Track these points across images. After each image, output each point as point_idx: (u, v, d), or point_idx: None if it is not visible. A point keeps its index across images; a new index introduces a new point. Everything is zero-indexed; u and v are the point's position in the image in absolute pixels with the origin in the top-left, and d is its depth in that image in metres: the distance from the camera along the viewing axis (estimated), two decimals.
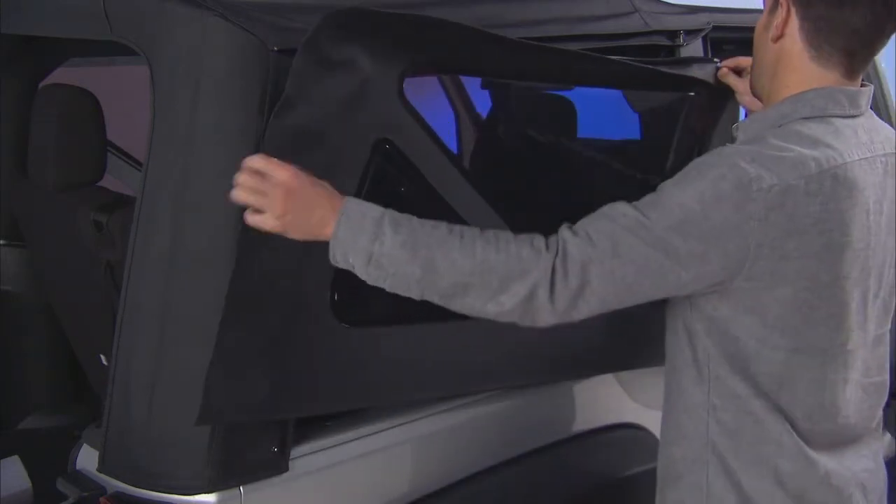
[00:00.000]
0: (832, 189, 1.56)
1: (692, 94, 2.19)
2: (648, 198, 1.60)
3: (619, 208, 1.59)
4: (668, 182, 1.61)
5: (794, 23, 1.64)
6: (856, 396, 1.70)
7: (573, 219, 1.62)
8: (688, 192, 1.56)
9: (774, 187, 1.53)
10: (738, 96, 2.13)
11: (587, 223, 1.59)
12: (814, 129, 1.62)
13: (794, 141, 1.59)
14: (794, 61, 1.66)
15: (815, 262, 1.57)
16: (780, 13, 1.64)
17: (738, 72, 2.11)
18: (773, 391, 1.64)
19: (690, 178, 1.58)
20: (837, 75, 1.65)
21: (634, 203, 1.59)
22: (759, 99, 1.77)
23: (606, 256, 1.55)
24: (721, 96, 2.17)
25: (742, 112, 2.25)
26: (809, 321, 1.61)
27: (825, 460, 1.68)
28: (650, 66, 2.10)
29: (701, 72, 2.16)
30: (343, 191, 1.68)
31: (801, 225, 1.55)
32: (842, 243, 1.58)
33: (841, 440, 1.71)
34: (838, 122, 1.64)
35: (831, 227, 1.57)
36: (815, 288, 1.59)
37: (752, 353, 1.63)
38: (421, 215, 1.93)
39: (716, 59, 2.20)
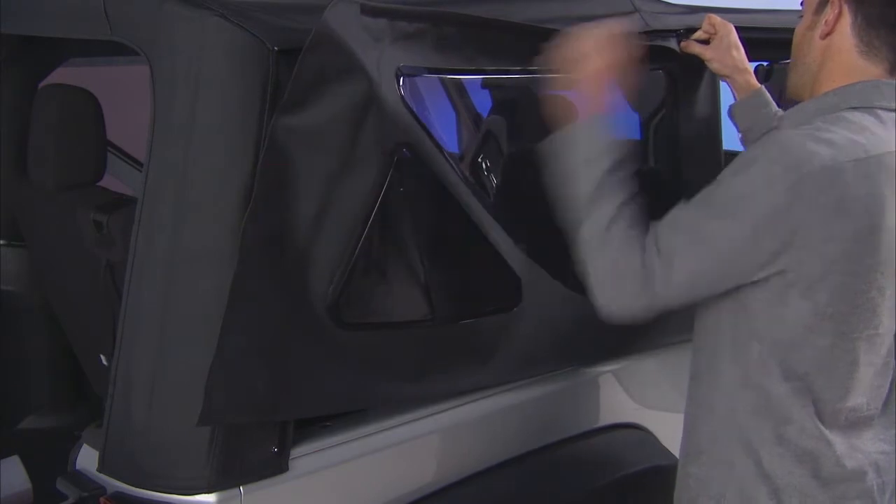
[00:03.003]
0: (878, 174, 1.62)
1: (666, 68, 2.22)
2: (705, 191, 1.68)
3: (676, 214, 1.69)
4: (725, 171, 1.69)
5: (846, 19, 1.71)
6: (871, 378, 1.76)
7: None
8: (740, 178, 1.64)
9: (826, 168, 1.58)
10: (709, 64, 2.21)
11: (657, 238, 1.68)
12: (860, 118, 1.68)
13: (843, 126, 1.65)
14: (843, 56, 1.73)
15: (861, 246, 1.63)
16: (831, 11, 1.72)
17: (704, 42, 2.20)
18: (808, 374, 1.70)
19: (744, 164, 1.66)
20: (882, 70, 1.72)
21: (692, 200, 1.69)
22: (798, 97, 1.83)
23: (678, 259, 1.65)
24: (694, 66, 2.24)
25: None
26: (855, 307, 1.67)
27: (841, 440, 1.74)
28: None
29: (666, 45, 2.19)
30: (351, 193, 1.72)
31: (849, 206, 1.60)
32: (883, 228, 1.63)
33: (856, 421, 1.77)
34: (884, 114, 1.70)
35: (876, 211, 1.62)
36: (860, 272, 1.65)
37: (798, 339, 1.69)
38: (426, 217, 1.94)
39: (680, 31, 2.25)
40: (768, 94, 2.20)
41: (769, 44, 2.41)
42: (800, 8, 1.86)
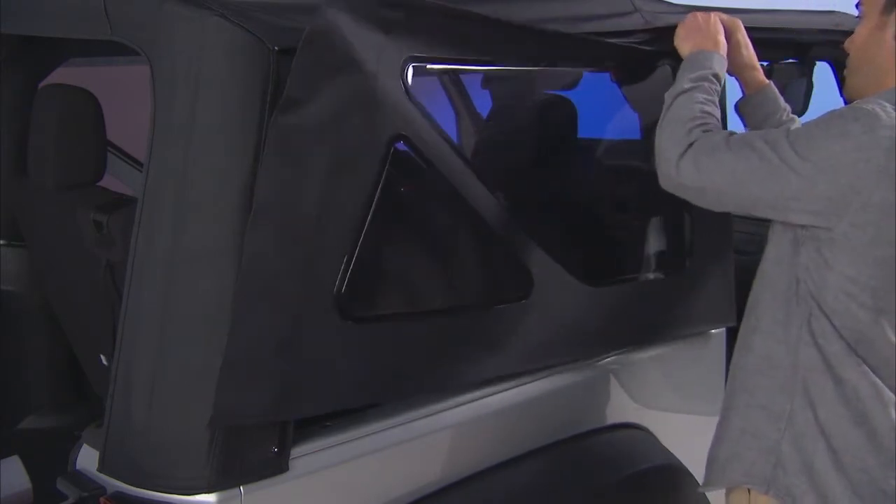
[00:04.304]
0: None
1: (669, 64, 2.23)
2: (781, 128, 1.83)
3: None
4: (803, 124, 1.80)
5: None
6: None
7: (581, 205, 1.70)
8: (818, 124, 1.75)
9: None
10: None
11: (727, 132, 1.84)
12: None
13: None
14: None
15: None
16: None
17: None
18: (851, 343, 1.77)
19: (823, 117, 1.76)
20: None
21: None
22: (859, 96, 1.86)
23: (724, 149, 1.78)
24: None
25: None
26: None
27: None
28: (624, 42, 2.17)
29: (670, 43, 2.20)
30: (356, 186, 1.73)
31: None
32: None
33: None
34: None
35: None
36: None
37: (840, 307, 1.75)
38: (431, 208, 1.94)
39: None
40: (776, 90, 2.21)
41: (769, 43, 2.41)
42: (800, 8, 1.89)
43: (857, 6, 1.92)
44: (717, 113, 1.90)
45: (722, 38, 2.08)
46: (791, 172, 1.71)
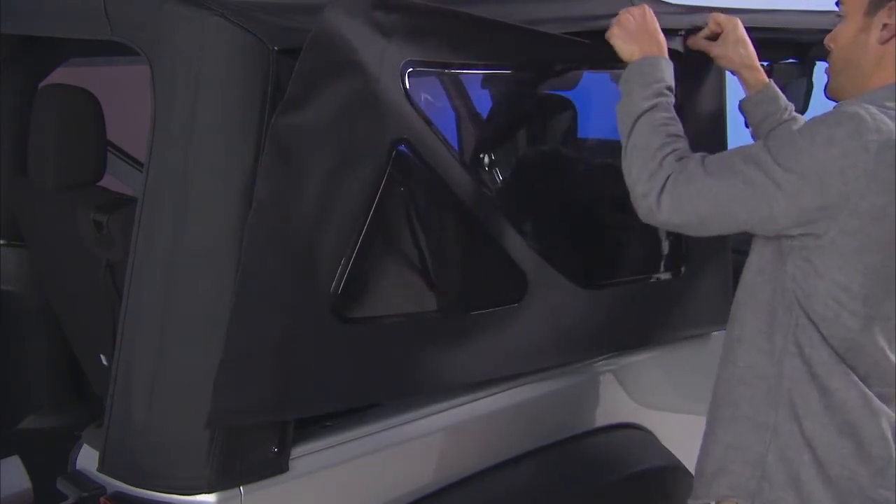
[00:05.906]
0: None
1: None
2: (759, 140, 1.79)
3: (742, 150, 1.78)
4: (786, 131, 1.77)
5: None
6: None
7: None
8: (802, 133, 1.71)
9: (889, 140, 1.63)
10: (716, 60, 2.22)
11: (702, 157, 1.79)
12: None
13: None
14: None
15: None
16: (888, 16, 1.77)
17: (711, 38, 2.20)
18: (840, 351, 1.75)
19: (807, 126, 1.74)
20: None
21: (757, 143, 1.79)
22: (842, 98, 1.85)
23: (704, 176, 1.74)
24: (700, 63, 2.24)
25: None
26: (890, 292, 1.72)
27: (886, 416, 1.78)
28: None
29: (672, 43, 2.18)
30: (354, 189, 1.74)
31: None
32: None
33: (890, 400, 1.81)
34: None
35: None
36: None
37: (830, 315, 1.74)
38: (429, 211, 1.94)
39: (681, 31, 2.25)
40: (777, 88, 2.21)
41: (769, 43, 2.41)
42: (800, 8, 1.88)
43: (836, 4, 1.89)
44: (680, 129, 1.86)
45: (661, 37, 1.99)
46: (777, 191, 1.68)
